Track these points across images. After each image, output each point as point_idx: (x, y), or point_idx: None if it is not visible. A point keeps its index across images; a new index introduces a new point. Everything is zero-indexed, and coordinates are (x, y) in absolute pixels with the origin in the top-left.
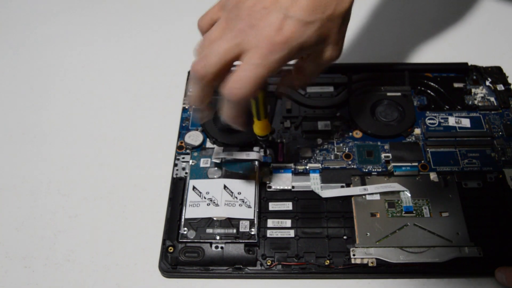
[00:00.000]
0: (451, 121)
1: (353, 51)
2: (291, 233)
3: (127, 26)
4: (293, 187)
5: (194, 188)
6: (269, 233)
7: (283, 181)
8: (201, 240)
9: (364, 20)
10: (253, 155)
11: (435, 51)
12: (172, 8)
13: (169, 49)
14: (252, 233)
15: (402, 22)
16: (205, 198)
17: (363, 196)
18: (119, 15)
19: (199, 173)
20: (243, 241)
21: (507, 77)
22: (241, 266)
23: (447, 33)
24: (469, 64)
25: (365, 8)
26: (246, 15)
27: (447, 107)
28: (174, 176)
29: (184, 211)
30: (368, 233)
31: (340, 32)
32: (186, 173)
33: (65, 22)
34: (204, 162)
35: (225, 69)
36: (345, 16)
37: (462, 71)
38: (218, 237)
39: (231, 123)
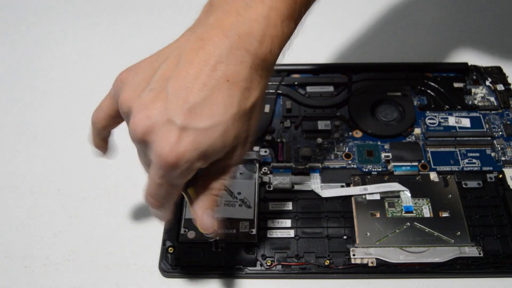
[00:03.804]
0: (451, 121)
1: (353, 51)
2: (291, 233)
3: (127, 26)
4: (293, 186)
5: None
6: (269, 233)
7: (283, 181)
8: (201, 240)
9: (364, 20)
10: (253, 155)
11: (435, 51)
12: (172, 6)
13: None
14: (252, 233)
15: (402, 22)
16: None
17: (363, 196)
18: (119, 15)
19: None
20: (243, 241)
21: (507, 77)
22: (241, 266)
23: (447, 33)
24: (469, 64)
25: (365, 8)
26: (141, 131)
27: (447, 107)
28: None
29: (184, 211)
30: (368, 233)
31: (249, 129)
32: None
33: (66, 22)
34: None
35: None
36: (254, 110)
37: (462, 71)
38: (218, 237)
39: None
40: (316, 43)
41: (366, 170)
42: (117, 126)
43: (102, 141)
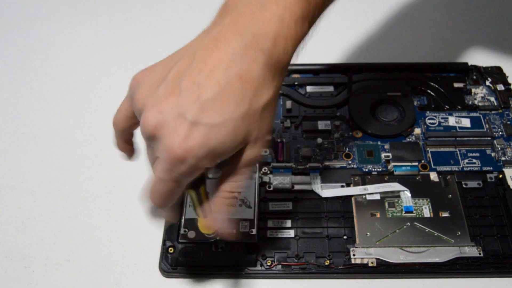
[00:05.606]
0: (451, 121)
1: (353, 51)
2: (291, 233)
3: (127, 26)
4: (293, 186)
5: None
6: (269, 233)
7: (283, 181)
8: (201, 240)
9: (364, 20)
10: None
11: (435, 51)
12: (172, 5)
13: (169, 48)
14: (252, 233)
15: (402, 22)
16: None
17: (363, 196)
18: (121, 13)
19: None
20: (243, 241)
21: (507, 77)
22: (241, 266)
23: (447, 33)
24: (469, 64)
25: (364, 8)
26: (152, 125)
27: (447, 107)
28: None
29: (184, 211)
30: (368, 233)
31: (260, 129)
32: None
33: (66, 21)
34: None
35: None
36: (265, 110)
37: (462, 71)
38: (218, 237)
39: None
40: (316, 43)
41: (366, 170)
42: (136, 128)
43: (125, 143)
